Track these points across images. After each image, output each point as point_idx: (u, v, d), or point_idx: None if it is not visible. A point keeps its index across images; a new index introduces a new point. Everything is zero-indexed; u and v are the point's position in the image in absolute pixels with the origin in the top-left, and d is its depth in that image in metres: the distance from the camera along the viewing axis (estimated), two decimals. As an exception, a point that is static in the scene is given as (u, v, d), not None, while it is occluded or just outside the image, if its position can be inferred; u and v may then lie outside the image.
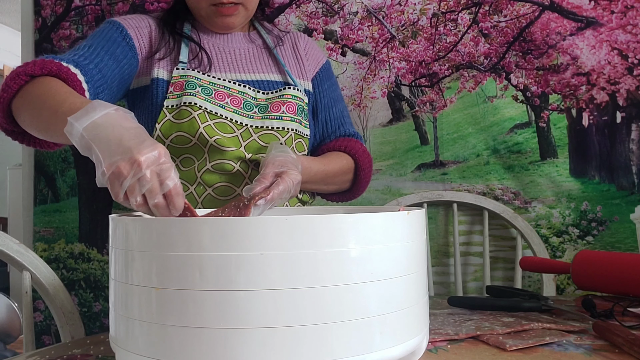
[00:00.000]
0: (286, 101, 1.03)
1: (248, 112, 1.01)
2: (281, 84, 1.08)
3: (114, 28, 1.01)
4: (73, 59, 0.88)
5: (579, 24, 1.50)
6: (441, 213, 1.56)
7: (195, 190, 0.98)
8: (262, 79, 1.07)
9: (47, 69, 0.80)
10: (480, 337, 0.72)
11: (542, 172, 1.52)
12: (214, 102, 0.98)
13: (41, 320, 1.67)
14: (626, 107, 1.49)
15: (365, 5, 1.58)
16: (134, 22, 1.04)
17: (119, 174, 0.57)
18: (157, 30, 1.06)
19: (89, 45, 0.95)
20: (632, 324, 0.77)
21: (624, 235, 1.47)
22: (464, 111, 1.56)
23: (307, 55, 1.17)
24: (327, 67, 1.20)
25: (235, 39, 1.12)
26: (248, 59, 1.10)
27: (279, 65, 1.11)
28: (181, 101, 0.96)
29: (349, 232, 0.50)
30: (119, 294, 0.55)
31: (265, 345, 0.47)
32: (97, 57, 0.93)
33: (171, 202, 0.59)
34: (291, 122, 1.02)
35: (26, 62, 0.82)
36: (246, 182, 0.98)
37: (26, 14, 1.72)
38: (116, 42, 0.99)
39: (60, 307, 1.02)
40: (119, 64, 0.97)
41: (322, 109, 1.16)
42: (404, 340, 0.53)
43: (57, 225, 1.70)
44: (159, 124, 0.96)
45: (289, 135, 1.01)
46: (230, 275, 0.47)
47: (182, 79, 0.99)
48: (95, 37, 0.99)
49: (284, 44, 1.16)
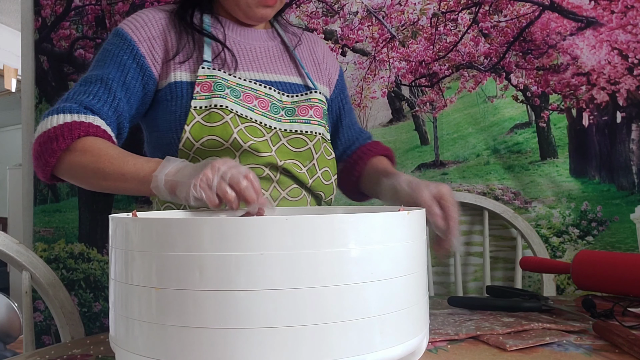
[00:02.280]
0: (313, 105, 1.03)
1: (276, 115, 0.99)
2: (302, 88, 1.08)
3: (124, 47, 0.97)
4: (93, 107, 0.90)
5: (579, 24, 1.50)
6: (441, 213, 1.56)
7: None
8: (285, 81, 1.06)
9: (77, 135, 0.86)
10: (480, 337, 0.72)
11: (542, 172, 1.52)
12: (243, 105, 0.96)
13: (41, 320, 1.67)
14: (626, 107, 1.49)
15: (365, 5, 1.58)
16: (144, 31, 0.99)
17: (206, 179, 0.67)
18: (171, 30, 1.01)
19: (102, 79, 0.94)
20: (632, 324, 0.77)
21: (624, 235, 1.47)
22: (464, 111, 1.56)
23: (325, 62, 1.18)
24: (342, 75, 1.23)
25: (257, 35, 1.09)
26: (269, 57, 1.07)
27: (298, 67, 1.10)
28: (211, 103, 0.93)
29: (349, 232, 0.50)
30: (118, 294, 0.55)
31: (265, 345, 0.47)
32: (109, 96, 0.93)
33: (253, 186, 0.67)
34: (318, 126, 1.01)
35: (48, 129, 0.87)
36: (274, 187, 0.97)
37: (26, 14, 1.72)
38: (127, 68, 0.96)
39: (60, 307, 1.02)
40: (133, 91, 0.96)
41: (346, 114, 1.20)
42: (404, 340, 0.53)
43: (57, 225, 1.70)
44: (188, 126, 0.92)
45: (317, 139, 1.01)
46: (230, 275, 0.47)
47: (209, 79, 0.96)
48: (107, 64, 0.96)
49: (301, 44, 1.15)
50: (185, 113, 0.94)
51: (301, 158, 1.00)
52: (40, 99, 1.72)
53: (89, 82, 0.94)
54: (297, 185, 1.00)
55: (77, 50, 1.70)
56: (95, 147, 0.86)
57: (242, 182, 0.66)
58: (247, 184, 0.67)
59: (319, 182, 1.03)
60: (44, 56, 1.71)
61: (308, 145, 0.99)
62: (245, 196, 0.66)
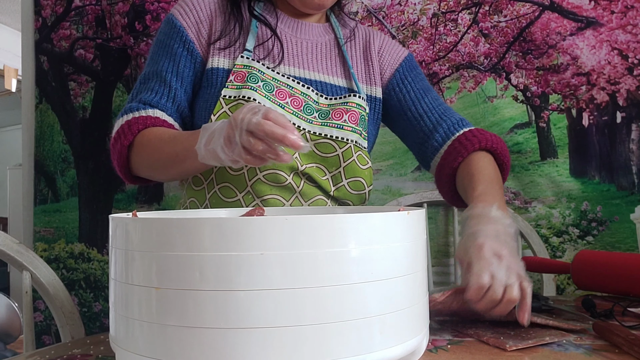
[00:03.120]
0: (349, 109, 0.96)
1: (308, 115, 0.95)
2: (345, 91, 1.02)
3: (176, 36, 0.98)
4: (152, 101, 0.93)
5: (579, 24, 1.50)
6: (441, 213, 1.56)
7: (244, 198, 0.92)
8: (327, 82, 1.01)
9: (136, 130, 0.89)
10: (480, 337, 0.72)
11: (542, 172, 1.52)
12: (274, 101, 0.92)
13: (41, 320, 1.67)
14: (626, 107, 1.49)
15: (365, 5, 1.58)
16: (193, 15, 0.98)
17: (229, 138, 0.66)
18: (220, 14, 0.99)
19: (157, 73, 0.96)
20: (632, 324, 0.77)
21: (624, 235, 1.47)
22: (464, 111, 1.56)
23: (381, 55, 1.08)
24: (409, 59, 1.10)
25: (309, 29, 1.04)
26: (316, 55, 1.02)
27: (346, 66, 1.04)
28: (240, 94, 0.90)
29: (349, 232, 0.50)
30: (119, 294, 0.55)
31: (265, 345, 0.47)
32: (166, 88, 0.95)
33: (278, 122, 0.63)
34: (352, 132, 0.95)
35: (116, 132, 0.92)
36: (296, 197, 0.93)
37: (26, 14, 1.72)
38: (179, 57, 0.97)
39: (60, 307, 1.02)
40: (187, 78, 0.98)
41: (411, 103, 1.04)
42: (404, 340, 0.53)
43: (57, 225, 1.70)
44: (215, 116, 0.90)
45: (347, 146, 0.94)
46: (230, 275, 0.47)
47: (245, 69, 0.93)
48: (161, 56, 0.98)
49: (355, 40, 1.08)
50: (216, 101, 0.92)
51: (326, 164, 0.94)
52: (40, 99, 1.72)
53: (146, 79, 0.97)
54: (322, 195, 0.95)
55: (77, 50, 1.70)
56: (152, 137, 0.88)
57: (265, 126, 0.62)
58: (270, 124, 0.62)
59: (344, 191, 0.96)
60: (44, 56, 1.71)
61: (336, 152, 0.94)
62: (275, 138, 0.62)
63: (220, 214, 0.80)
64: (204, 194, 0.96)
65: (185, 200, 1.02)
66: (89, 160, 1.69)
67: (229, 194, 0.93)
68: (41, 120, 1.72)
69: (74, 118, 1.71)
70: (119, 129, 0.91)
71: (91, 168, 1.69)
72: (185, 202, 1.02)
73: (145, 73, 0.99)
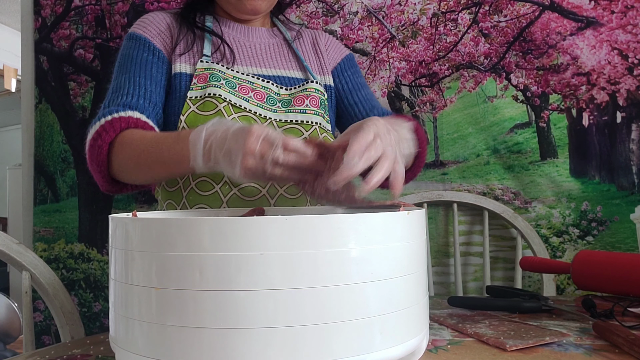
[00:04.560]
0: (309, 95, 1.03)
1: (272, 106, 1.00)
2: (302, 81, 1.08)
3: (142, 46, 1.01)
4: (129, 103, 0.92)
5: (579, 24, 1.50)
6: (441, 213, 1.56)
7: (221, 189, 0.95)
8: (284, 75, 1.07)
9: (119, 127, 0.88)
10: (480, 337, 0.72)
11: (542, 172, 1.52)
12: (238, 95, 0.98)
13: (41, 320, 1.67)
14: (626, 107, 1.49)
15: (365, 5, 1.58)
16: (154, 28, 1.04)
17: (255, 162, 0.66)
18: (175, 26, 1.06)
19: (129, 78, 0.97)
20: (632, 324, 0.77)
21: (624, 235, 1.47)
22: (464, 111, 1.56)
23: (327, 50, 1.16)
24: (349, 57, 1.19)
25: (258, 33, 1.11)
26: (269, 53, 1.09)
27: (299, 60, 1.11)
28: (205, 92, 0.95)
29: (349, 232, 0.50)
30: (118, 294, 0.55)
31: (265, 345, 0.47)
32: (141, 89, 0.96)
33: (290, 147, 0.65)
34: (315, 115, 1.01)
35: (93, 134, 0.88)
36: (272, 183, 0.95)
37: (26, 14, 1.72)
38: (149, 63, 1.00)
39: (60, 307, 1.02)
40: (160, 83, 0.99)
41: (347, 93, 1.13)
42: (404, 340, 0.53)
43: (57, 225, 1.70)
44: (184, 116, 0.95)
45: (313, 129, 1.00)
46: (230, 275, 0.47)
47: (206, 71, 0.99)
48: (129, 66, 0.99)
49: (303, 38, 1.16)
50: (183, 103, 0.97)
51: None
52: (40, 99, 1.72)
53: (118, 87, 0.97)
54: None
55: (77, 50, 1.70)
56: (136, 138, 0.87)
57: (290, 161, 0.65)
58: (293, 156, 0.65)
59: None
60: (44, 56, 1.71)
61: (304, 135, 0.99)
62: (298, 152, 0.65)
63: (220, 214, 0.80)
64: (180, 193, 0.98)
65: (162, 204, 1.03)
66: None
67: (205, 187, 0.95)
68: (41, 120, 1.72)
69: (73, 118, 1.71)
70: (99, 129, 0.88)
71: (91, 168, 1.69)
72: (162, 206, 1.02)
73: (116, 83, 0.99)
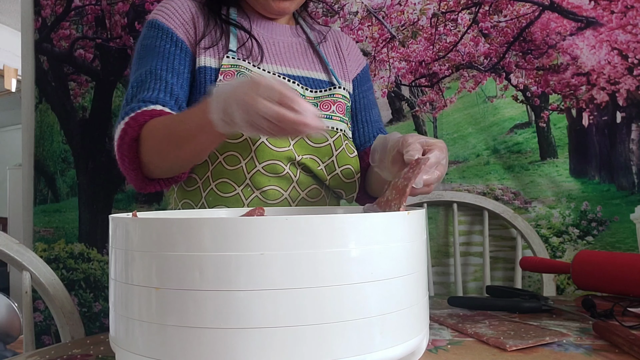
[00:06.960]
0: (336, 101, 1.01)
1: None
2: (327, 84, 1.06)
3: (163, 36, 0.98)
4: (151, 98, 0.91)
5: (579, 24, 1.50)
6: (441, 213, 1.56)
7: (243, 192, 0.94)
8: (309, 76, 1.05)
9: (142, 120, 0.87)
10: (480, 337, 0.72)
11: (542, 172, 1.52)
12: None
13: (41, 320, 1.67)
14: (626, 107, 1.49)
15: (365, 5, 1.58)
16: (177, 17, 1.01)
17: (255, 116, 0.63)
18: (199, 17, 1.02)
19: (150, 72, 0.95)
20: (632, 324, 0.77)
21: (624, 235, 1.47)
22: (464, 111, 1.56)
23: (349, 56, 1.15)
24: (366, 69, 1.19)
25: (282, 30, 1.09)
26: (293, 53, 1.07)
27: (323, 63, 1.09)
28: None
29: (349, 232, 0.50)
30: (119, 294, 0.55)
31: (265, 345, 0.47)
32: (162, 83, 0.94)
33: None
34: (340, 122, 0.99)
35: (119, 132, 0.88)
36: (294, 187, 0.95)
37: (26, 14, 1.72)
38: (171, 55, 0.97)
39: (60, 307, 1.02)
40: (183, 75, 0.97)
41: (361, 109, 1.14)
42: (404, 340, 0.53)
43: (57, 225, 1.70)
44: None
45: (337, 135, 0.98)
46: (230, 275, 0.47)
47: (232, 68, 0.96)
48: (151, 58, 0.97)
49: (327, 41, 1.14)
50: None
51: (319, 154, 0.97)
52: (40, 99, 1.72)
53: (139, 80, 0.95)
54: (316, 184, 0.99)
55: (77, 50, 1.70)
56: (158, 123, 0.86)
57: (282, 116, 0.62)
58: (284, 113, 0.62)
59: (338, 180, 0.99)
60: (44, 56, 1.71)
61: (328, 142, 0.96)
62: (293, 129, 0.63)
63: (220, 214, 0.80)
64: (199, 194, 0.96)
65: (177, 204, 1.01)
66: (89, 160, 1.69)
67: (227, 189, 0.94)
68: (41, 120, 1.72)
69: (73, 118, 1.71)
70: (124, 127, 0.88)
71: (91, 168, 1.69)
72: (178, 206, 1.01)
73: (137, 75, 0.97)
